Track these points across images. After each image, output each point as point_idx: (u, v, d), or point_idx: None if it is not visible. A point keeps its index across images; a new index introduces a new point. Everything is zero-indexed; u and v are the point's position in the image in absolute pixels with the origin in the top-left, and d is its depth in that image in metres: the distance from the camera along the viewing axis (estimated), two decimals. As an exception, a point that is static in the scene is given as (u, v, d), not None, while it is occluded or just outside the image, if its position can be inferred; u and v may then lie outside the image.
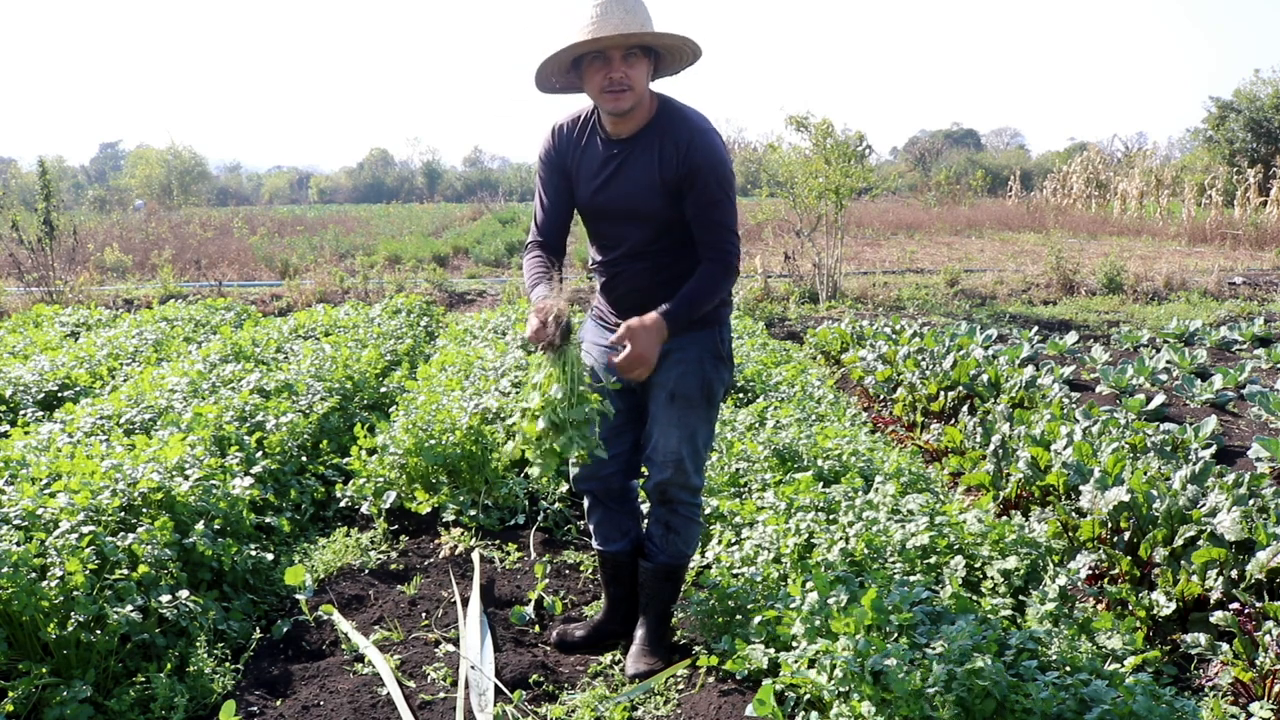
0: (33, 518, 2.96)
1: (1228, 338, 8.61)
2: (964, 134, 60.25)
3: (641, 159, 2.71)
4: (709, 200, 2.67)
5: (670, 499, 2.87)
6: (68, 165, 57.81)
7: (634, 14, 2.57)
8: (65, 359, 6.24)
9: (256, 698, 2.84)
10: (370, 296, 12.08)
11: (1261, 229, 19.60)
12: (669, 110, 2.73)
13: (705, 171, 2.65)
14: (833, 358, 8.08)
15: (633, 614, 3.14)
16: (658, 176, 2.69)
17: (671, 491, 2.85)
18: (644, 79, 2.64)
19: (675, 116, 2.71)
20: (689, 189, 2.67)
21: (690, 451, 2.84)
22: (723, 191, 2.68)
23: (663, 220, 2.74)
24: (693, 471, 2.86)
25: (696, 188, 2.66)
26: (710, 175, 2.65)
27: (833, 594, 2.79)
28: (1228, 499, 3.44)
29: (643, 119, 2.71)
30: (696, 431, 2.85)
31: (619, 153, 2.74)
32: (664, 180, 2.68)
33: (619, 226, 2.83)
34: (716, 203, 2.67)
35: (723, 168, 2.68)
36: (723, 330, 2.89)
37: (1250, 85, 29.41)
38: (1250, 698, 2.72)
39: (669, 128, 2.69)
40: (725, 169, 2.69)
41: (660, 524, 2.92)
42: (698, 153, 2.65)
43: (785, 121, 11.88)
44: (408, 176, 61.85)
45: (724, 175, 2.68)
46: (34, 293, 11.79)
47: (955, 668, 2.34)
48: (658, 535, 2.94)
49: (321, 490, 4.53)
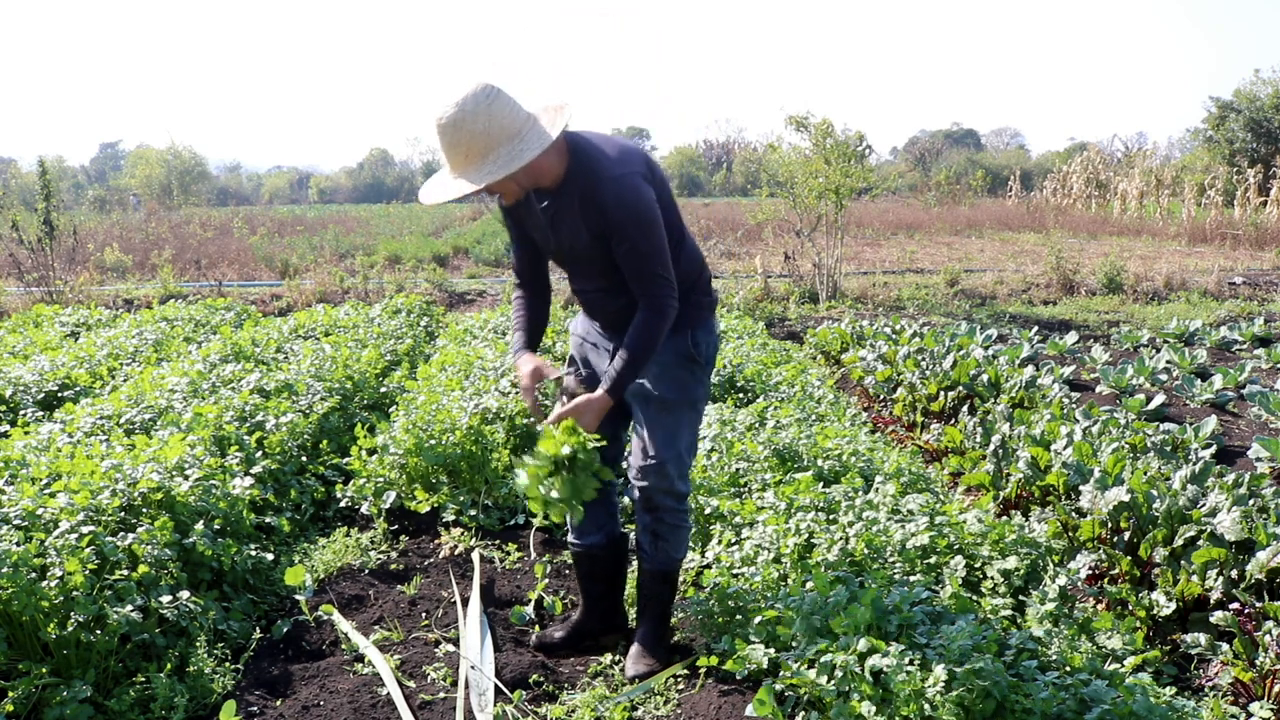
0: (33, 518, 2.95)
1: (1228, 338, 8.61)
2: (964, 134, 60.25)
3: (568, 212, 2.68)
4: (631, 250, 2.63)
5: (655, 506, 2.86)
6: (68, 165, 57.76)
7: (469, 158, 2.50)
8: (65, 359, 6.24)
9: (256, 698, 2.84)
10: (370, 296, 12.08)
11: (1261, 229, 19.60)
12: (580, 161, 2.64)
13: (623, 224, 2.60)
14: (833, 358, 8.08)
15: (611, 612, 3.15)
16: (585, 229, 2.67)
17: (657, 498, 2.84)
18: (514, 181, 2.56)
19: (587, 168, 2.62)
20: (613, 241, 2.64)
21: (672, 455, 2.83)
22: (644, 238, 2.61)
23: (611, 260, 2.71)
24: (676, 477, 2.84)
25: (617, 240, 2.63)
26: (629, 227, 2.60)
27: (833, 594, 2.79)
28: (1228, 499, 3.44)
29: (557, 174, 2.65)
30: (677, 435, 2.85)
31: (550, 205, 2.72)
32: (592, 233, 2.66)
33: (576, 266, 2.85)
34: (640, 252, 2.62)
35: (641, 215, 2.60)
36: (696, 334, 2.86)
37: (1250, 85, 29.44)
38: (1250, 698, 2.72)
39: (583, 182, 2.62)
40: (643, 214, 2.61)
41: (648, 532, 2.91)
42: (611, 209, 2.59)
43: (785, 121, 11.89)
44: (408, 176, 61.81)
45: (643, 221, 2.61)
46: (34, 293, 11.79)
47: (955, 668, 2.34)
48: (646, 543, 2.94)
49: (321, 490, 4.53)
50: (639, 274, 2.65)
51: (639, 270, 2.64)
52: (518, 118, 2.51)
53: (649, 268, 2.63)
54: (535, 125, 2.53)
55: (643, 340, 2.65)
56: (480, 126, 2.46)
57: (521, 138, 2.50)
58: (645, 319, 2.65)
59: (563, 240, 2.75)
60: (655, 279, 2.64)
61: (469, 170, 2.51)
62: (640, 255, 2.62)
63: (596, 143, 2.67)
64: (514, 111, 2.51)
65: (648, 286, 2.65)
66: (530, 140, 2.50)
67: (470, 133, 2.47)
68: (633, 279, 2.67)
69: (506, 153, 2.49)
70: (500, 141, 2.49)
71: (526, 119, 2.53)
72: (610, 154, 2.64)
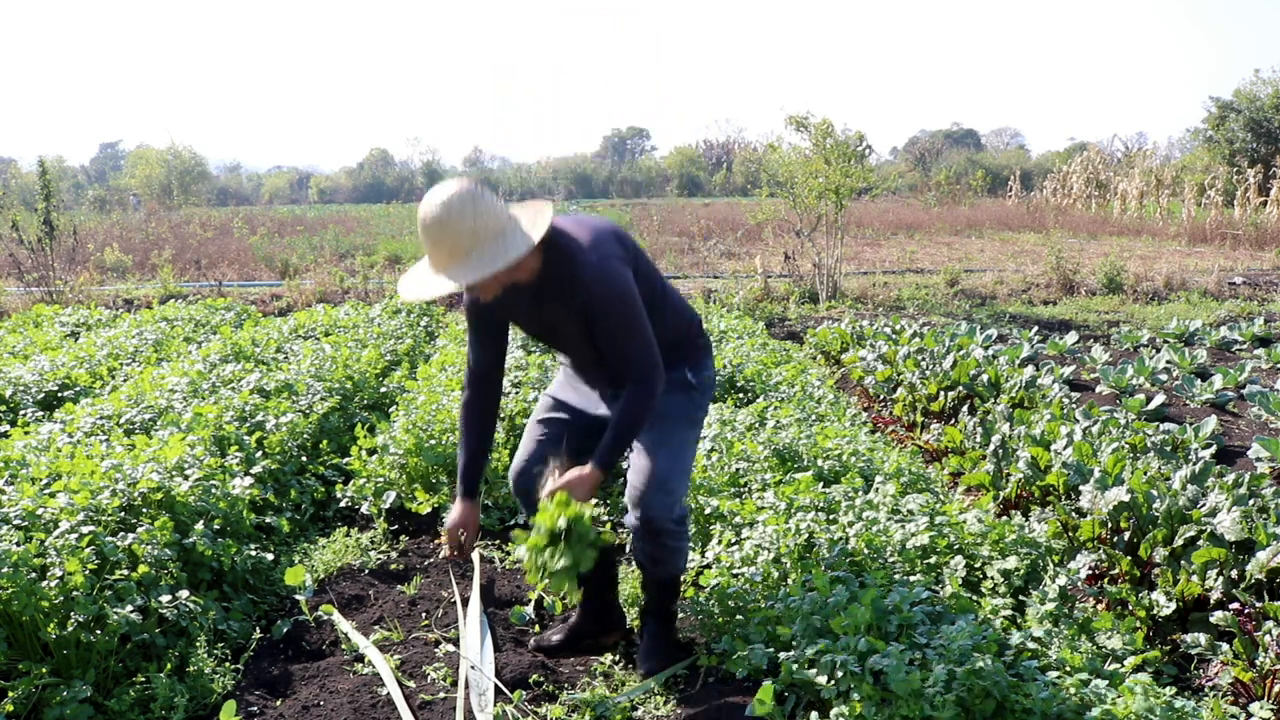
0: (33, 518, 2.96)
1: (1228, 338, 8.61)
2: (964, 134, 60.26)
3: (551, 299, 2.75)
4: (614, 332, 2.69)
5: (657, 531, 2.82)
6: (68, 165, 57.75)
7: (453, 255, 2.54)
8: (65, 359, 6.24)
9: (256, 698, 2.84)
10: (370, 296, 12.08)
11: (1261, 229, 19.60)
12: (556, 251, 2.69)
13: (603, 307, 2.66)
14: (833, 358, 8.08)
15: (607, 612, 3.15)
16: (567, 314, 2.74)
17: (658, 523, 2.81)
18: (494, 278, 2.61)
19: (564, 257, 2.68)
20: (595, 324, 2.70)
21: (676, 478, 2.83)
22: (625, 319, 2.67)
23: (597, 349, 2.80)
24: (678, 501, 2.84)
25: (599, 323, 2.69)
26: (609, 309, 2.66)
27: (833, 594, 2.79)
28: (1228, 499, 3.44)
29: (534, 268, 2.71)
30: (679, 456, 2.87)
31: (531, 293, 2.78)
32: (576, 317, 2.73)
33: (563, 345, 2.93)
34: (623, 333, 2.68)
35: (619, 297, 2.66)
36: (690, 368, 2.95)
37: (1250, 85, 29.44)
38: (1250, 698, 2.72)
39: (560, 270, 2.69)
40: (622, 295, 2.66)
41: (647, 555, 2.92)
42: (590, 295, 2.65)
43: (785, 121, 11.89)
44: (408, 176, 61.78)
45: (622, 302, 2.66)
46: (34, 293, 11.80)
47: (955, 668, 2.34)
48: (646, 564, 2.94)
49: (321, 490, 4.53)
50: (624, 354, 2.70)
51: (624, 350, 2.70)
52: (501, 217, 2.57)
53: (633, 348, 2.69)
54: (517, 225, 2.60)
55: (631, 417, 2.71)
56: (467, 225, 2.51)
57: (505, 236, 2.56)
58: (633, 394, 2.71)
59: (546, 325, 2.84)
60: (640, 357, 2.70)
61: (452, 267, 2.55)
62: (624, 336, 2.68)
63: (569, 230, 2.73)
64: (498, 211, 2.58)
65: (633, 365, 2.71)
66: (514, 239, 2.56)
67: (456, 230, 2.51)
68: (617, 359, 2.73)
69: (491, 250, 2.54)
70: (485, 239, 2.54)
71: (509, 218, 2.60)
72: (584, 240, 2.71)
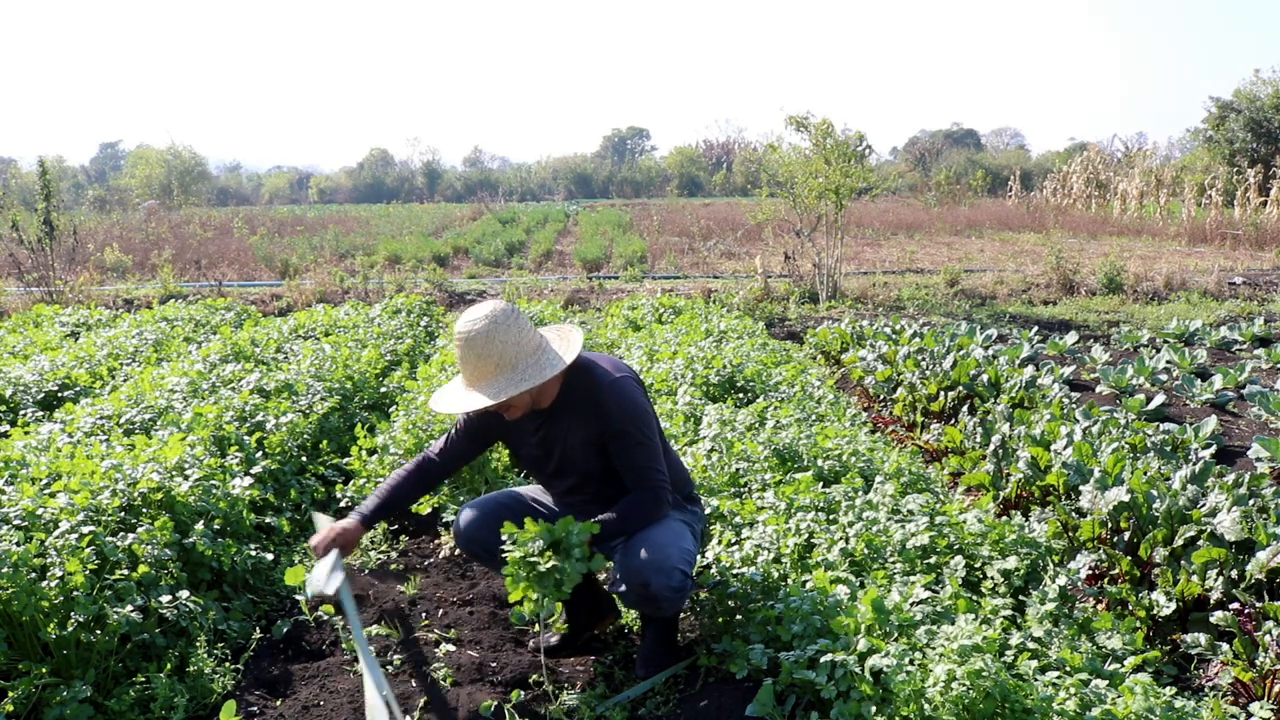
0: (33, 518, 2.96)
1: (1228, 338, 8.61)
2: (964, 134, 60.27)
3: (568, 425, 2.83)
4: (631, 447, 2.78)
5: (655, 597, 2.75)
6: (68, 165, 57.84)
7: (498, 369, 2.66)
8: (65, 359, 6.24)
9: (256, 698, 2.84)
10: (370, 296, 12.08)
11: (1261, 229, 19.60)
12: (579, 375, 2.82)
13: (623, 427, 2.76)
14: (833, 358, 8.08)
15: (594, 603, 3.17)
16: (584, 439, 2.82)
17: (654, 589, 2.73)
18: (525, 396, 2.72)
19: (585, 380, 2.80)
20: (612, 443, 2.79)
21: (678, 552, 2.78)
22: (643, 437, 2.79)
23: (601, 470, 2.87)
24: (682, 573, 2.77)
25: (617, 440, 2.78)
26: (629, 429, 2.77)
27: (833, 594, 2.79)
28: (1228, 499, 3.43)
29: (554, 392, 2.82)
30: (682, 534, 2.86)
31: (545, 421, 2.86)
32: (591, 442, 2.81)
33: (564, 477, 2.97)
34: (640, 447, 2.78)
35: (638, 418, 2.78)
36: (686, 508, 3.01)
37: (1250, 85, 29.44)
38: (1250, 698, 2.72)
39: (582, 394, 2.80)
40: (640, 417, 2.79)
41: (644, 616, 2.94)
42: (613, 410, 2.76)
43: (785, 122, 11.90)
44: (408, 176, 61.83)
45: (641, 423, 2.78)
46: (34, 293, 11.79)
47: (955, 668, 2.34)
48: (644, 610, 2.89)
49: (321, 490, 4.53)
50: (640, 469, 2.79)
51: (640, 465, 2.79)
52: (534, 337, 2.73)
53: (649, 462, 2.79)
54: (549, 345, 2.75)
55: (637, 513, 2.78)
56: (511, 339, 2.66)
57: (539, 355, 2.70)
58: (643, 498, 2.79)
59: (552, 451, 2.89)
60: (654, 473, 2.79)
61: (485, 383, 2.67)
62: (640, 451, 2.78)
63: (589, 355, 2.87)
64: (532, 331, 2.73)
65: (647, 480, 2.79)
66: (549, 358, 2.70)
67: (501, 344, 2.65)
68: (632, 474, 2.80)
69: (525, 367, 2.67)
70: (521, 357, 2.67)
71: (541, 339, 2.75)
72: (603, 363, 2.85)
